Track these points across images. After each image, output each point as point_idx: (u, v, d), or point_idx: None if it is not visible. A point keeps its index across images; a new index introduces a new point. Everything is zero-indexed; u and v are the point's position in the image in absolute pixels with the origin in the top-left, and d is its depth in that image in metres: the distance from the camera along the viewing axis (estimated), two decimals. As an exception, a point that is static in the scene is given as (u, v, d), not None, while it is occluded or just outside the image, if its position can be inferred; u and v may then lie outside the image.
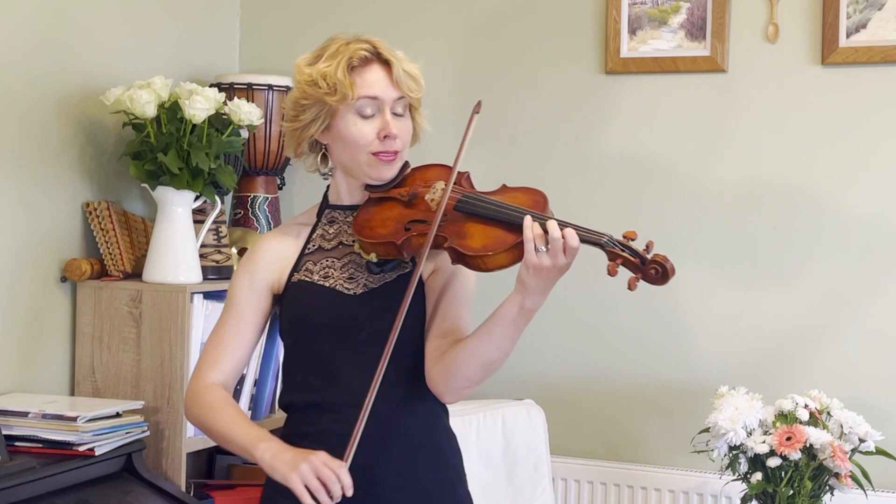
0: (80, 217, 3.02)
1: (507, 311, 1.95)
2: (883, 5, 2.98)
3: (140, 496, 2.65)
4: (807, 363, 3.06)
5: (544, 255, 1.88)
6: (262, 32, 3.62)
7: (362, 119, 2.08)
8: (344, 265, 2.13)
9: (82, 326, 2.98)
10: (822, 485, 2.59)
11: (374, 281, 2.10)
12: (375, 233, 2.07)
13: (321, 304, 2.11)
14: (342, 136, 2.09)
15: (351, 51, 2.07)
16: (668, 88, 3.19)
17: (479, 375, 2.02)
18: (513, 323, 1.95)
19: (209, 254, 3.09)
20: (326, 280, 2.12)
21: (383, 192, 2.13)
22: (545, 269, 1.89)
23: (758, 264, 3.11)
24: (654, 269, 1.91)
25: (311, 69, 2.09)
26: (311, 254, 2.15)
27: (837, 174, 3.04)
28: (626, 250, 1.92)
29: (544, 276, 1.90)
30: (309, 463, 1.93)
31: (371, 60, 2.09)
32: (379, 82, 2.08)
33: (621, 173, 3.23)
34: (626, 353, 3.23)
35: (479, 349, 1.98)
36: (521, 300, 1.93)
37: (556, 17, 3.30)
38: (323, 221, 2.18)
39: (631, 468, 3.15)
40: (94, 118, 3.05)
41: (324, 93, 2.06)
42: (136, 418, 2.75)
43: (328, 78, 2.06)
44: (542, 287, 1.92)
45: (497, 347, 1.97)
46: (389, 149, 2.09)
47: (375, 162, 2.09)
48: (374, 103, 2.07)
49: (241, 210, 3.38)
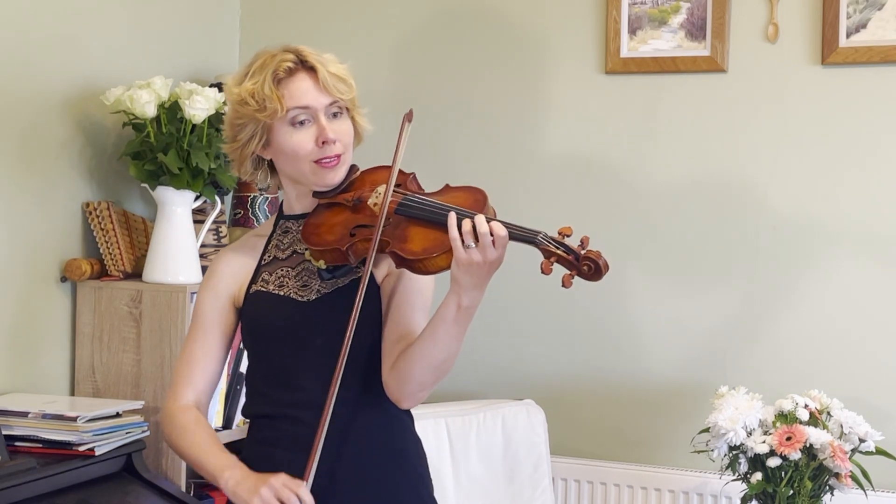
0: (80, 217, 3.02)
1: (446, 311, 1.95)
2: (883, 5, 2.98)
3: (140, 496, 2.64)
4: (807, 363, 3.06)
5: (474, 251, 1.89)
6: (262, 32, 3.62)
7: (297, 130, 2.08)
8: (297, 273, 2.14)
9: (82, 326, 2.98)
10: (822, 485, 2.59)
11: (327, 286, 2.11)
12: (322, 239, 2.07)
13: (276, 312, 2.12)
14: (282, 150, 2.10)
15: (275, 63, 2.07)
16: (668, 88, 3.19)
17: (430, 378, 2.02)
18: (454, 322, 1.95)
19: (209, 254, 3.09)
20: (281, 289, 2.13)
21: (331, 198, 2.13)
22: (475, 265, 1.89)
23: (758, 264, 3.11)
24: (588, 265, 1.88)
25: (238, 88, 2.09)
26: (267, 265, 2.17)
27: (837, 174, 3.04)
28: (560, 247, 1.89)
29: (476, 272, 1.90)
30: (269, 486, 1.96)
31: (296, 70, 2.08)
32: (307, 91, 2.08)
33: (620, 173, 3.23)
34: (626, 353, 3.23)
35: (426, 352, 1.99)
36: (458, 298, 1.93)
37: (556, 17, 3.30)
38: (277, 232, 2.19)
39: (631, 468, 3.15)
40: (94, 118, 3.05)
41: (254, 110, 2.07)
42: (136, 418, 2.75)
43: (256, 95, 2.06)
44: (476, 283, 1.92)
45: (443, 348, 1.97)
46: (330, 153, 2.08)
47: (318, 169, 2.09)
48: (306, 112, 2.08)
49: (241, 210, 3.38)
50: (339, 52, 2.18)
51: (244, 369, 3.10)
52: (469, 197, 2.02)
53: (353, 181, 2.14)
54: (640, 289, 3.19)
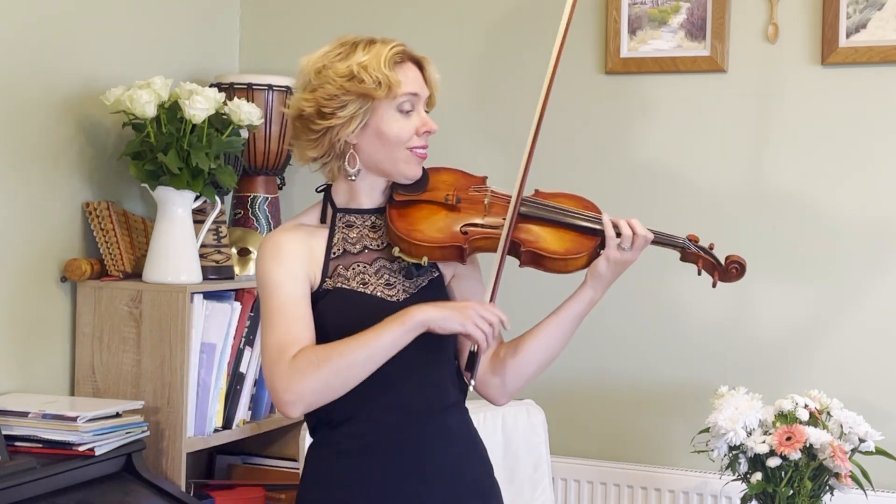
0: (80, 217, 3.02)
1: (577, 306, 2.13)
2: (883, 5, 2.98)
3: (140, 496, 2.65)
4: (807, 363, 3.06)
5: (628, 252, 2.10)
6: (262, 32, 3.62)
7: (402, 116, 2.08)
8: (377, 270, 2.10)
9: (82, 326, 2.98)
10: (822, 485, 2.59)
11: (411, 286, 2.10)
12: (429, 236, 2.07)
13: (365, 312, 2.04)
14: (381, 133, 2.07)
15: (388, 48, 2.06)
16: (668, 88, 3.19)
17: (537, 373, 2.17)
18: (579, 317, 2.14)
19: (209, 254, 3.09)
20: (365, 287, 2.08)
21: (415, 195, 2.12)
22: (623, 264, 2.11)
23: (757, 264, 3.10)
24: (735, 267, 2.19)
25: (346, 63, 2.03)
26: (338, 258, 2.10)
27: (837, 174, 3.04)
28: (702, 251, 2.18)
29: (619, 270, 2.12)
30: (473, 309, 2.00)
31: (405, 59, 2.09)
32: (417, 80, 2.10)
33: (621, 173, 3.23)
34: (626, 353, 3.23)
35: (547, 347, 2.14)
36: (594, 294, 2.13)
37: (556, 17, 3.29)
38: (340, 226, 2.13)
39: (631, 468, 3.15)
40: (94, 118, 3.06)
41: (368, 87, 2.03)
42: (136, 418, 2.75)
43: (371, 71, 2.02)
44: (612, 280, 2.13)
45: (563, 343, 2.15)
46: (426, 144, 2.11)
47: (412, 157, 2.09)
48: (413, 100, 2.08)
49: (241, 210, 3.38)
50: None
51: (244, 369, 3.10)
52: (579, 202, 2.19)
53: (428, 179, 2.16)
54: (640, 289, 3.19)
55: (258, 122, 3.05)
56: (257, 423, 3.18)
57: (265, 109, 3.27)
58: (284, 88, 3.32)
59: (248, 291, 3.11)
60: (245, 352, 3.10)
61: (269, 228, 3.35)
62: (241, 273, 3.24)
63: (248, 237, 3.30)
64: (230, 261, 3.16)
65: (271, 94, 3.31)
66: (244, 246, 3.28)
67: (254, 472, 3.34)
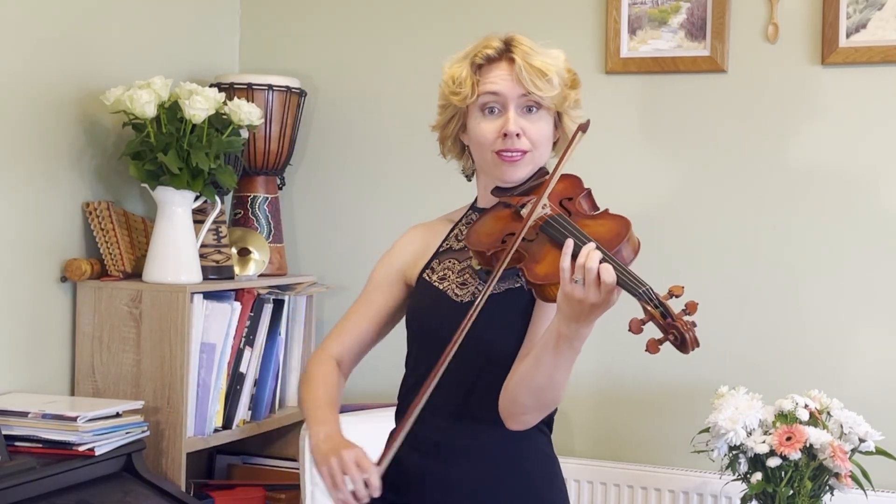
0: (80, 217, 3.02)
1: (548, 335, 1.87)
2: (883, 5, 2.98)
3: (140, 496, 2.65)
4: (807, 363, 3.06)
5: (578, 287, 1.77)
6: (262, 32, 3.62)
7: (485, 117, 2.05)
8: (461, 269, 2.10)
9: (82, 326, 2.98)
10: (822, 485, 2.59)
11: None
12: (477, 239, 2.01)
13: (432, 306, 2.08)
14: (471, 136, 2.08)
15: (479, 49, 2.06)
16: (668, 88, 3.19)
17: (531, 401, 1.93)
18: (554, 349, 1.85)
19: (209, 254, 3.09)
20: (442, 282, 2.10)
21: (506, 197, 2.06)
22: (576, 300, 1.77)
23: (757, 263, 3.11)
24: (674, 334, 1.78)
25: (447, 69, 2.09)
26: (442, 253, 2.14)
27: (837, 174, 3.04)
28: (660, 307, 1.78)
29: (575, 307, 1.79)
30: (339, 458, 1.91)
31: (498, 58, 2.05)
32: (500, 78, 2.03)
33: (620, 173, 3.23)
34: (626, 353, 3.22)
35: (527, 373, 1.91)
36: (558, 325, 1.83)
37: (556, 17, 3.30)
38: (462, 222, 2.16)
39: (631, 468, 3.15)
40: (94, 118, 3.06)
41: (450, 92, 2.06)
42: (136, 418, 2.75)
43: (455, 78, 2.06)
44: (575, 317, 1.80)
45: (543, 374, 1.88)
46: (511, 147, 2.03)
47: (499, 162, 2.04)
48: (496, 99, 2.04)
49: (241, 210, 3.38)
50: (339, 52, 2.18)
51: (244, 369, 3.10)
52: (613, 227, 1.90)
53: (536, 186, 2.04)
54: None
55: (258, 122, 3.05)
56: (257, 423, 3.18)
57: (265, 109, 3.27)
58: (284, 88, 3.32)
59: (247, 291, 3.11)
60: (245, 352, 3.10)
61: (269, 228, 3.35)
62: (241, 273, 3.24)
63: (248, 237, 3.30)
64: (230, 261, 3.16)
65: (271, 94, 3.31)
66: (244, 246, 3.28)
67: (254, 472, 3.34)
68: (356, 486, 1.88)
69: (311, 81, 3.53)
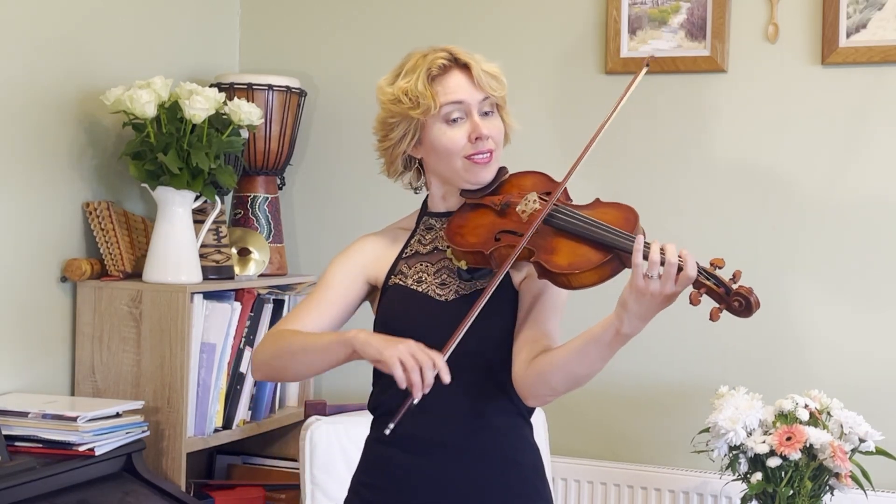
0: (80, 217, 3.02)
1: (603, 333, 1.91)
2: (883, 5, 2.98)
3: (140, 496, 2.65)
4: (807, 363, 3.06)
5: (655, 281, 1.84)
6: (262, 32, 3.62)
7: (451, 126, 2.07)
8: (437, 270, 2.12)
9: (82, 326, 2.98)
10: (822, 485, 2.59)
11: (466, 288, 2.09)
12: (465, 240, 2.05)
13: (412, 308, 2.09)
14: (434, 147, 2.09)
15: (428, 62, 2.07)
16: (668, 88, 3.19)
17: (564, 388, 1.99)
18: (608, 346, 1.92)
19: (209, 254, 3.09)
20: (419, 285, 2.11)
21: (478, 198, 2.11)
22: (650, 295, 1.85)
23: (757, 263, 3.11)
24: (738, 300, 1.86)
25: (392, 87, 2.09)
26: (408, 258, 2.15)
27: (837, 174, 3.04)
28: (711, 279, 1.87)
29: (648, 303, 1.85)
30: (406, 345, 1.89)
31: (450, 67, 2.08)
32: (461, 86, 2.07)
33: (620, 174, 3.23)
34: (626, 353, 3.19)
35: (570, 365, 1.95)
36: (619, 324, 1.88)
37: (557, 17, 3.30)
38: (421, 228, 2.18)
39: (631, 468, 3.15)
40: (94, 118, 3.06)
41: (408, 108, 2.07)
42: (136, 418, 2.76)
43: (409, 93, 2.06)
44: (644, 314, 1.87)
45: (588, 366, 1.95)
46: (483, 149, 2.08)
47: (471, 166, 2.08)
48: (459, 108, 2.07)
49: (241, 210, 3.38)
50: (339, 52, 2.18)
51: (244, 369, 3.10)
52: (620, 216, 2.01)
53: (502, 184, 2.12)
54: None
55: (258, 122, 3.06)
56: (257, 423, 3.18)
57: (265, 109, 3.27)
58: (284, 88, 3.32)
59: (247, 291, 3.11)
60: (245, 352, 3.10)
61: (269, 228, 3.35)
62: (241, 273, 3.24)
63: (248, 237, 3.30)
64: (230, 261, 3.16)
65: (271, 93, 3.31)
66: (244, 246, 3.28)
67: (254, 472, 3.34)
68: (427, 370, 1.87)
69: (311, 81, 3.53)
